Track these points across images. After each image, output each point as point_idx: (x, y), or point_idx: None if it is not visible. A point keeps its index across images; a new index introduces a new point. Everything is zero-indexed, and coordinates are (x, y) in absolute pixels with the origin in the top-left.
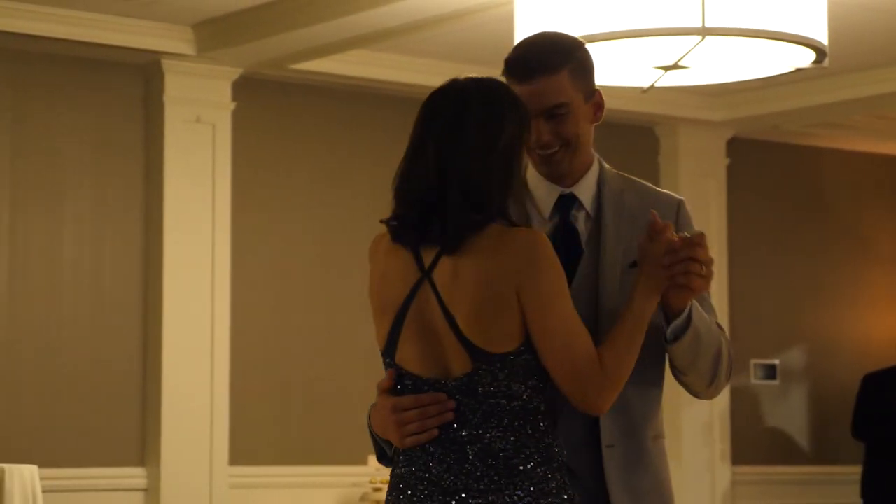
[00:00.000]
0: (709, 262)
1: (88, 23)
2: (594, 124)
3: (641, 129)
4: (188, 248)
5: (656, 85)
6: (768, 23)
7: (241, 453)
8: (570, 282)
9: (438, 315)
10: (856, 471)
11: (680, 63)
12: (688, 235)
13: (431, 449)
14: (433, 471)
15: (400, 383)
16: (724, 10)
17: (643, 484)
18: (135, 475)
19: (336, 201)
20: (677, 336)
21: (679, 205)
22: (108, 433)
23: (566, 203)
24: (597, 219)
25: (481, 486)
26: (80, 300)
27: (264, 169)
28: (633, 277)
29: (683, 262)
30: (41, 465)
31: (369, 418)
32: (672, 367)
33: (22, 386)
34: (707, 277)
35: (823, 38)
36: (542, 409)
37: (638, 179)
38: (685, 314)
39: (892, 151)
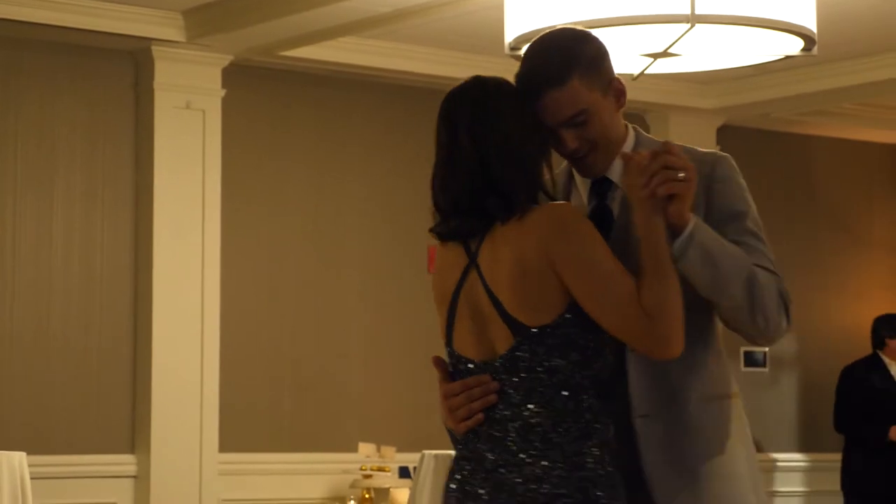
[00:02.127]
0: (683, 167)
1: (78, 9)
2: (620, 110)
3: (632, 117)
4: (178, 234)
5: (646, 72)
6: (757, 10)
7: (230, 440)
8: None
9: (484, 297)
10: (840, 458)
11: (670, 50)
12: (657, 150)
13: (479, 429)
14: (479, 450)
15: (459, 368)
16: None
17: (688, 454)
18: (125, 462)
19: (326, 188)
20: (682, 252)
21: (715, 162)
22: (98, 420)
23: (602, 186)
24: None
25: (517, 459)
26: (70, 287)
27: (254, 155)
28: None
29: (658, 173)
30: (30, 452)
31: None
32: (716, 309)
33: (11, 373)
34: (686, 181)
35: (812, 25)
36: (586, 384)
37: (679, 145)
38: (687, 230)
39: (882, 139)
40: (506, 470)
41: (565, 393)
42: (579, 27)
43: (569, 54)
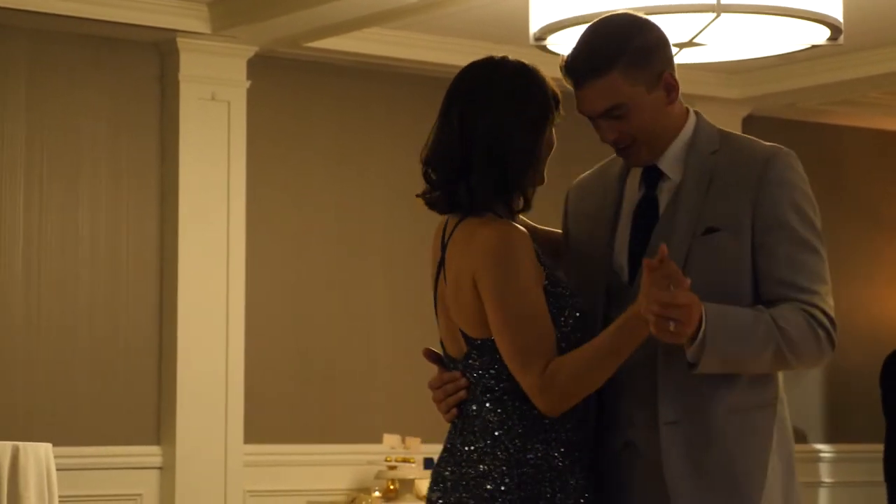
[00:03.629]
0: (678, 317)
1: (103, 0)
2: (671, 105)
3: None
4: (204, 226)
5: None
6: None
7: (256, 432)
8: (643, 253)
9: (446, 298)
10: (870, 449)
11: (695, 40)
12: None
13: (456, 422)
14: (454, 442)
15: (444, 362)
16: None
17: (709, 465)
18: (150, 453)
19: (351, 179)
20: (697, 360)
21: (767, 162)
22: (124, 411)
23: (652, 176)
24: (679, 186)
25: (471, 454)
26: (96, 279)
27: (279, 146)
28: (710, 244)
29: (655, 309)
30: (56, 443)
31: None
32: None
33: (37, 364)
34: (675, 334)
35: (839, 14)
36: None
37: (742, 136)
38: (698, 339)
39: None
40: (465, 464)
41: (514, 396)
42: (640, 14)
43: (615, 44)
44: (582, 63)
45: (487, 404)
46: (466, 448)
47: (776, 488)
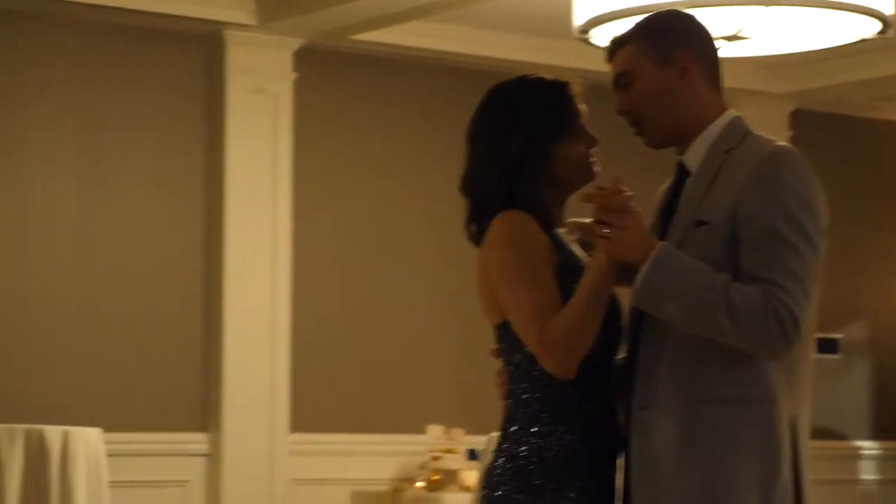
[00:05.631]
0: (612, 221)
1: None
2: (688, 89)
3: None
4: (249, 217)
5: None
6: None
7: (301, 420)
8: None
9: None
10: None
11: (741, 34)
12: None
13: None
14: (502, 423)
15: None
16: None
17: (659, 452)
18: (197, 440)
19: (397, 171)
20: (635, 294)
21: (764, 159)
22: (171, 399)
23: (682, 169)
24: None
25: (516, 433)
26: (143, 268)
27: (325, 138)
28: (697, 237)
29: (598, 218)
30: (105, 429)
31: None
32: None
33: (87, 351)
34: (613, 238)
35: (888, 8)
36: (542, 378)
37: (764, 138)
38: (638, 278)
39: None
40: (510, 442)
41: (524, 385)
42: (687, 7)
43: (643, 22)
44: (614, 39)
45: (513, 386)
46: (509, 427)
47: (735, 490)
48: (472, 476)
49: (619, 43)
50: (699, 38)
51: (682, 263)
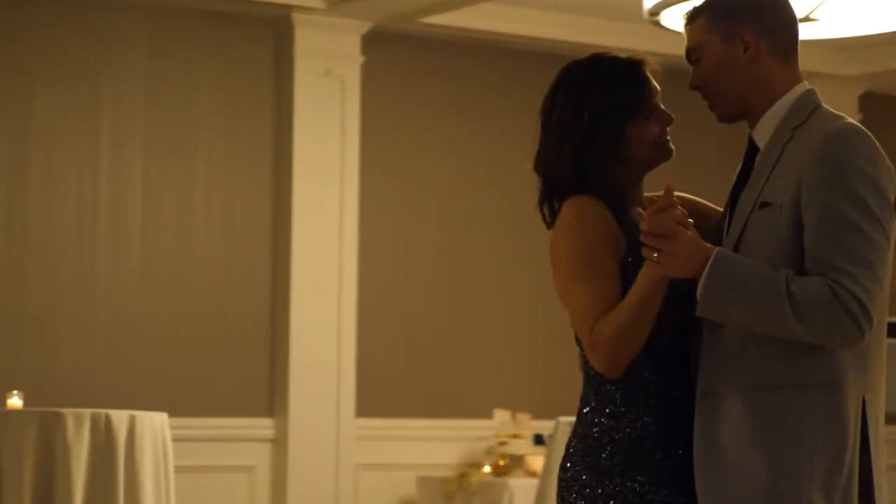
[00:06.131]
0: (659, 247)
1: None
2: (754, 63)
3: None
4: (317, 200)
5: None
6: None
7: (367, 405)
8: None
9: None
10: None
11: (811, 16)
12: (652, 209)
13: None
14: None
15: None
16: None
17: (720, 438)
18: (263, 426)
19: (463, 155)
20: (698, 302)
21: (829, 140)
22: (237, 384)
23: (753, 146)
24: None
25: (588, 414)
26: (211, 253)
27: (393, 122)
28: (760, 220)
29: (644, 243)
30: (171, 413)
31: None
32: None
33: (154, 336)
34: (662, 263)
35: None
36: None
37: (833, 115)
38: (700, 283)
39: None
40: (584, 424)
41: (588, 367)
42: None
43: None
44: (687, 15)
45: (587, 368)
46: (583, 409)
47: (797, 478)
48: (538, 461)
49: (691, 17)
50: (767, 13)
51: (740, 270)
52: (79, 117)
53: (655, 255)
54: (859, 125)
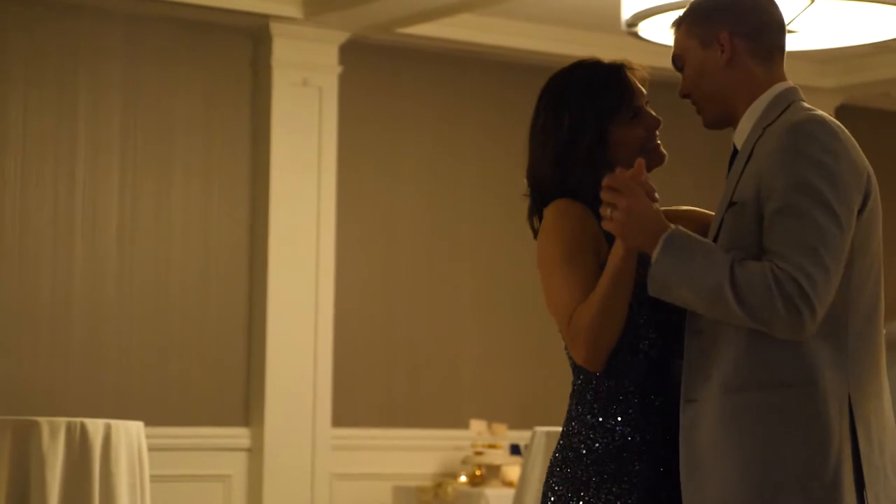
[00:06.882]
0: (615, 202)
1: None
2: (732, 66)
3: None
4: (294, 210)
5: None
6: None
7: (343, 415)
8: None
9: None
10: None
11: (789, 27)
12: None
13: None
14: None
15: None
16: None
17: (697, 444)
18: (239, 435)
19: (442, 166)
20: (649, 281)
21: (786, 131)
22: (213, 393)
23: (735, 147)
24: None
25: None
26: (187, 262)
27: (370, 132)
28: (730, 219)
29: (603, 199)
30: (147, 422)
31: None
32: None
33: (130, 344)
34: (615, 219)
35: None
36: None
37: (799, 108)
38: (654, 257)
39: None
40: (572, 421)
41: (582, 376)
42: None
43: (693, 3)
44: (672, 23)
45: (573, 379)
46: (567, 420)
47: (780, 478)
48: (514, 471)
49: (676, 25)
50: (744, 15)
51: (691, 246)
52: (55, 124)
53: (609, 210)
54: (827, 117)
